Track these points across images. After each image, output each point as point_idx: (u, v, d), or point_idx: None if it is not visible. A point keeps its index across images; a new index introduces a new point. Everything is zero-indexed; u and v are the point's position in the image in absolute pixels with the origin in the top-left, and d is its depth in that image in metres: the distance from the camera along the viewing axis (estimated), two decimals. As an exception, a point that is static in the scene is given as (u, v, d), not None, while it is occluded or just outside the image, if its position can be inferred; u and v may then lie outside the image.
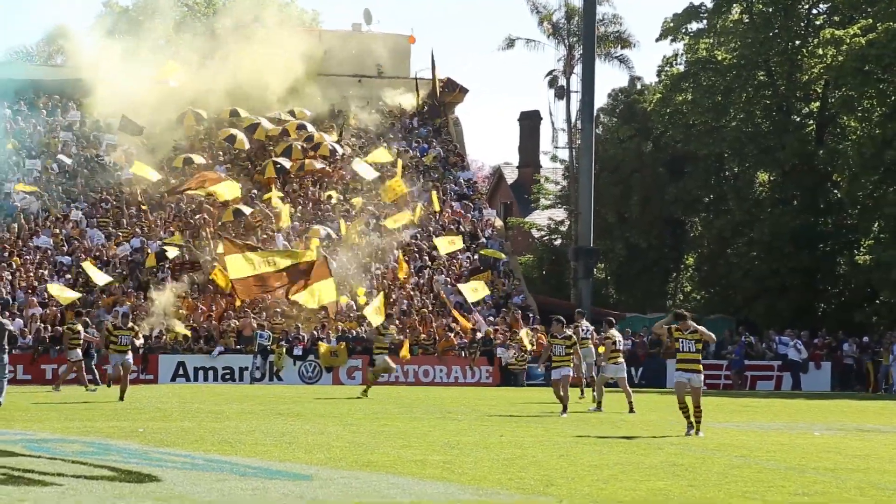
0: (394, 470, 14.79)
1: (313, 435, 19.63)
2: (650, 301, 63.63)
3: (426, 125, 63.44)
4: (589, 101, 58.67)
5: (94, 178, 53.52)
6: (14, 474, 13.65)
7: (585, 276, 57.24)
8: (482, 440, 19.24)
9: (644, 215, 63.05)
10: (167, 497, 12.18)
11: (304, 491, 12.83)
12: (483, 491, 13.17)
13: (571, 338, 26.95)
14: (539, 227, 72.77)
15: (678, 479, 14.56)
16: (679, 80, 61.75)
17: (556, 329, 27.07)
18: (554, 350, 26.73)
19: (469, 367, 45.70)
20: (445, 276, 51.35)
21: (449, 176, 60.02)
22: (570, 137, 67.26)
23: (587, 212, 57.38)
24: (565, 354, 26.51)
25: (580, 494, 12.97)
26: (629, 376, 46.78)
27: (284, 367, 43.81)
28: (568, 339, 26.69)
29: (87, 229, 49.76)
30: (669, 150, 63.73)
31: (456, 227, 55.16)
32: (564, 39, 67.62)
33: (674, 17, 61.61)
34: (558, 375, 26.44)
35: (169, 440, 18.36)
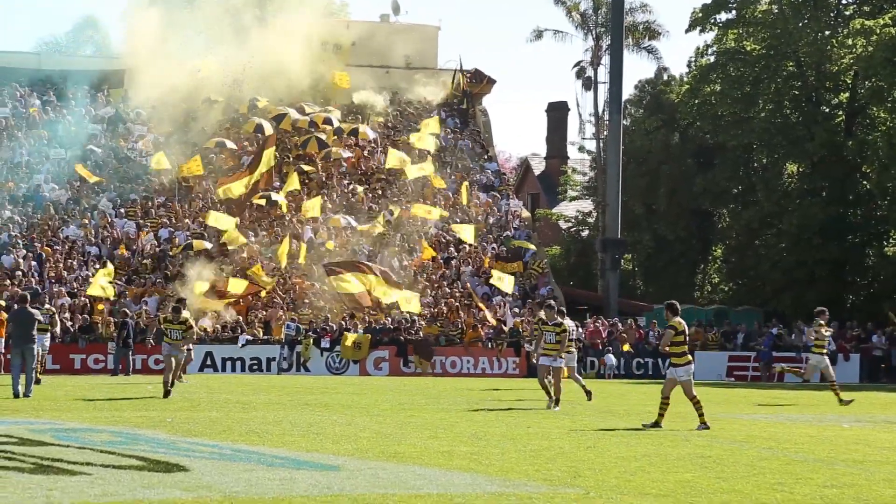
0: (421, 461, 14.79)
1: (340, 426, 19.65)
2: (678, 293, 63.28)
3: (454, 116, 63.38)
4: (616, 92, 58.55)
5: (122, 169, 53.69)
6: (43, 463, 13.72)
7: (613, 267, 57.17)
8: (509, 431, 19.23)
9: (672, 206, 62.89)
10: (195, 487, 12.20)
11: (331, 481, 12.84)
12: (510, 482, 13.16)
13: (562, 324, 26.09)
14: (566, 219, 72.65)
15: (706, 470, 14.52)
16: (708, 70, 61.51)
17: (548, 315, 26.32)
18: (545, 337, 25.99)
19: (496, 359, 45.68)
20: (472, 266, 51.34)
21: (476, 167, 59.97)
22: (598, 128, 67.12)
23: (614, 203, 57.28)
24: (556, 342, 25.71)
25: (607, 486, 12.95)
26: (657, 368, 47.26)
27: (311, 358, 43.87)
28: (558, 327, 25.87)
29: (116, 220, 49.93)
30: (697, 142, 63.54)
31: (483, 218, 55.14)
32: (592, 30, 67.45)
33: (703, 8, 61.34)
34: (548, 362, 25.70)
35: (197, 430, 18.41)
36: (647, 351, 48.00)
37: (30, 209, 49.68)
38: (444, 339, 45.75)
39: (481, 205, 56.27)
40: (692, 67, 64.55)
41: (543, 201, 76.99)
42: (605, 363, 46.73)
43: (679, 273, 64.93)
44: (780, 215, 57.56)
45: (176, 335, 27.30)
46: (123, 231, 49.03)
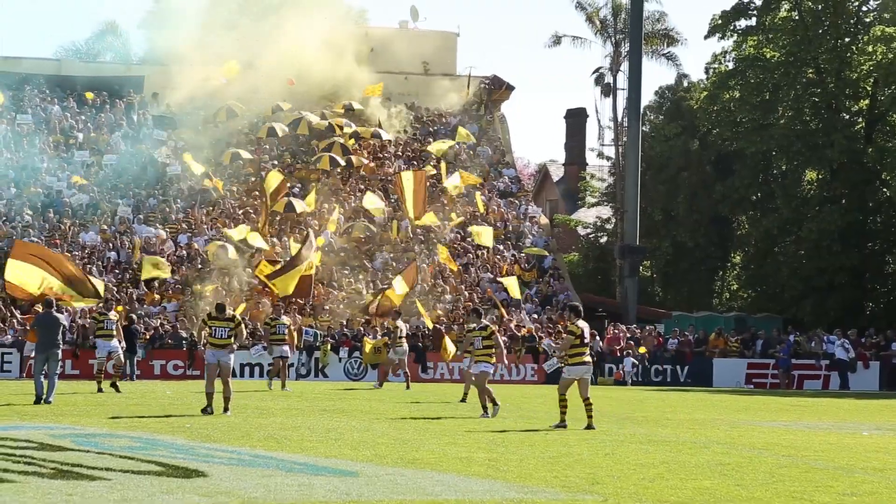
0: (439, 467, 14.80)
1: (359, 431, 19.66)
2: (696, 300, 63.37)
3: (472, 122, 63.44)
4: (635, 99, 58.55)
5: (141, 174, 53.85)
6: (63, 468, 13.76)
7: (631, 274, 57.14)
8: (527, 438, 19.22)
9: (691, 213, 62.81)
10: (214, 492, 12.23)
11: (349, 487, 12.85)
12: (528, 489, 13.16)
13: (488, 328, 24.90)
14: (585, 225, 72.62)
15: (725, 478, 14.49)
16: (727, 77, 61.41)
17: (473, 319, 25.69)
18: (474, 343, 25.15)
19: (514, 365, 45.63)
20: (490, 272, 51.36)
21: (494, 173, 60.00)
22: (617, 135, 67.10)
23: (633, 210, 57.25)
24: (483, 348, 24.70)
25: (625, 493, 12.93)
26: (675, 375, 47.20)
27: (330, 364, 43.91)
28: (484, 331, 24.71)
29: (135, 225, 50.08)
30: (716, 148, 63.46)
31: (502, 224, 55.16)
32: (611, 37, 67.46)
33: (722, 15, 61.26)
34: (476, 370, 24.76)
35: (216, 436, 18.44)
36: (665, 358, 47.92)
37: (49, 214, 49.84)
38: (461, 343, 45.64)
39: (499, 212, 56.28)
40: (710, 74, 64.49)
41: (562, 208, 76.95)
42: (624, 370, 46.66)
43: (698, 280, 64.83)
44: (800, 222, 57.43)
45: (222, 333, 23.82)
46: (143, 237, 49.17)
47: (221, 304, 24.73)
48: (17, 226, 48.34)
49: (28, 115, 56.27)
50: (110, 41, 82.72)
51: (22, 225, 48.41)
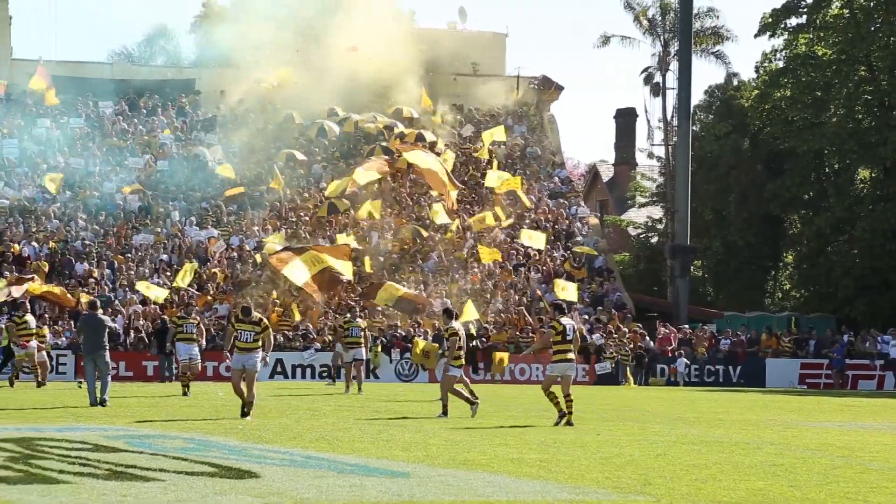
0: (490, 468, 14.78)
1: (410, 433, 19.67)
2: (748, 299, 62.98)
3: (521, 122, 63.40)
4: (685, 98, 58.32)
5: (193, 177, 54.21)
6: (117, 470, 13.86)
7: (682, 274, 56.91)
8: (579, 439, 19.17)
9: (742, 213, 62.45)
10: (266, 493, 12.27)
11: (401, 488, 12.86)
12: (580, 490, 13.12)
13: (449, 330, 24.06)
14: (635, 225, 72.38)
15: (778, 479, 14.39)
16: (778, 75, 61.03)
17: (442, 322, 25.09)
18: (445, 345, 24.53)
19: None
20: (540, 274, 51.29)
21: (544, 174, 59.93)
22: (667, 134, 66.81)
23: (684, 209, 57.02)
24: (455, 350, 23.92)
25: (678, 494, 12.87)
26: (728, 375, 46.95)
27: (381, 365, 43.96)
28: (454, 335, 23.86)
29: (187, 227, 50.41)
30: (767, 147, 63.05)
31: (551, 225, 55.07)
32: (660, 36, 67.19)
33: (773, 13, 60.89)
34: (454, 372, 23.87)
35: (268, 437, 18.51)
36: (718, 358, 47.69)
37: (102, 217, 50.26)
38: (513, 347, 45.67)
39: (549, 212, 56.20)
40: (760, 72, 64.11)
41: (612, 208, 76.74)
42: (676, 370, 46.48)
43: (749, 280, 64.43)
44: (853, 221, 56.99)
45: (248, 337, 22.99)
46: (194, 239, 49.50)
47: (247, 307, 23.84)
48: (71, 229, 48.80)
49: (81, 118, 56.79)
50: (162, 45, 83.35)
51: (75, 229, 48.85)
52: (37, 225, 48.87)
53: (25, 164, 53.44)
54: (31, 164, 53.29)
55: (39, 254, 46.78)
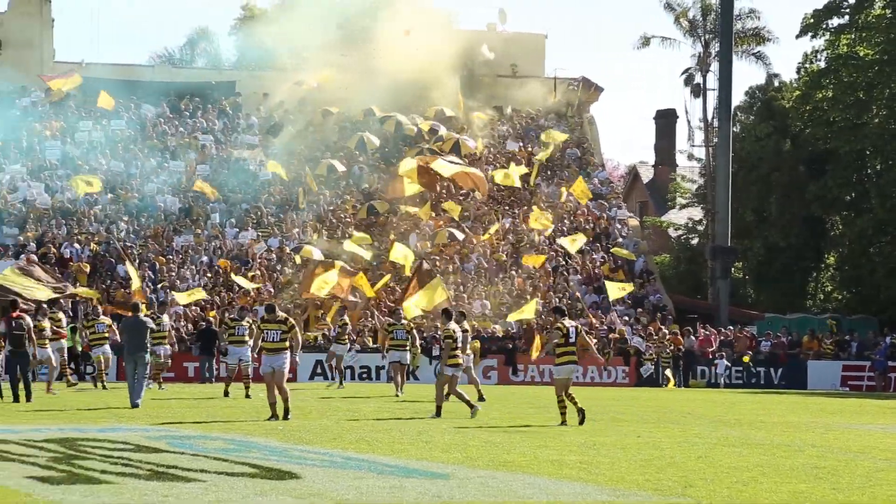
0: (530, 470, 14.77)
1: (450, 434, 19.68)
2: (789, 301, 62.60)
3: (560, 124, 63.29)
4: (726, 99, 58.11)
5: (233, 179, 54.41)
6: (159, 470, 13.93)
7: (723, 275, 56.68)
8: (619, 441, 19.12)
9: (783, 214, 62.14)
10: (307, 494, 12.31)
11: (441, 490, 12.87)
12: (620, 492, 13.09)
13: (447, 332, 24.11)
14: (676, 226, 72.14)
15: (820, 481, 14.31)
16: (819, 76, 60.68)
17: (441, 322, 25.25)
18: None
19: (604, 368, 45.41)
20: (580, 276, 51.20)
21: (584, 175, 59.83)
22: (707, 135, 66.58)
23: (725, 210, 56.80)
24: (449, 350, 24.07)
25: (719, 496, 12.82)
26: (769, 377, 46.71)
27: (420, 367, 43.94)
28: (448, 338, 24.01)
29: (227, 229, 50.61)
30: (809, 148, 62.69)
31: (591, 226, 54.97)
32: (700, 37, 66.96)
33: (814, 13, 60.55)
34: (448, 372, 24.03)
35: (308, 438, 18.56)
36: (759, 360, 47.46)
37: (143, 219, 50.53)
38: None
39: (589, 213, 56.09)
40: (801, 73, 63.77)
41: (652, 209, 76.52)
42: (717, 371, 46.30)
43: (791, 281, 64.05)
44: (895, 222, 56.55)
45: (274, 337, 22.40)
46: (235, 241, 49.68)
47: (271, 305, 23.55)
48: (112, 230, 49.08)
49: (122, 120, 57.08)
50: (203, 47, 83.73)
51: (117, 231, 49.13)
52: (78, 227, 49.17)
53: (67, 166, 53.78)
54: (73, 166, 53.63)
55: (81, 255, 47.08)
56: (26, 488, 12.44)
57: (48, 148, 54.57)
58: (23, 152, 54.16)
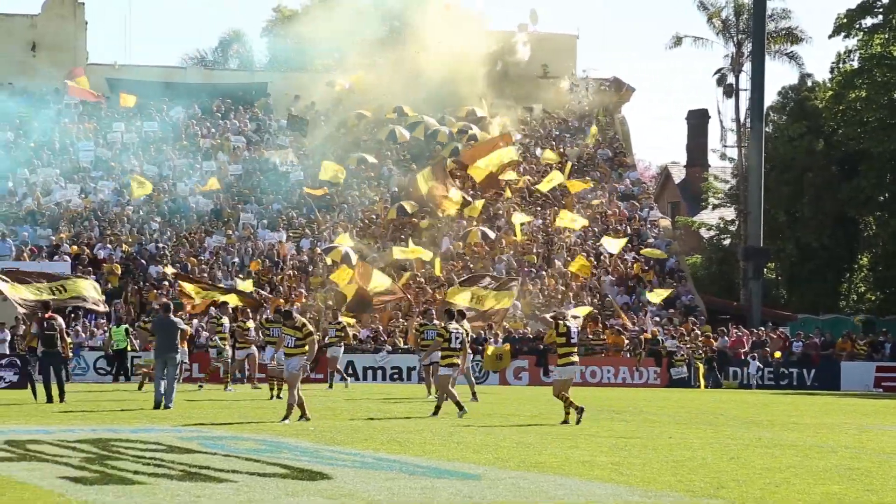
0: (562, 471, 14.75)
1: (481, 435, 19.67)
2: (822, 302, 62.35)
3: (591, 124, 63.20)
4: (758, 99, 57.92)
5: (265, 180, 54.56)
6: (191, 471, 13.97)
7: (755, 276, 56.47)
8: (650, 441, 19.07)
9: (816, 214, 61.88)
10: (338, 495, 12.32)
11: (472, 491, 12.86)
12: (652, 493, 13.05)
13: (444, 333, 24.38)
14: (708, 227, 71.91)
15: (854, 483, 14.23)
16: (852, 76, 60.38)
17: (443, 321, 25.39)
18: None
19: (636, 368, 45.31)
20: (612, 276, 51.11)
21: (615, 176, 59.73)
22: (739, 136, 66.36)
23: (757, 211, 56.61)
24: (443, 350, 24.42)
25: (751, 498, 12.76)
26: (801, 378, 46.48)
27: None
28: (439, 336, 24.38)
29: (259, 230, 50.74)
30: (842, 148, 62.41)
31: (623, 227, 54.86)
32: (733, 37, 66.74)
33: (847, 13, 60.29)
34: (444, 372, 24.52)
35: (339, 438, 18.58)
36: (791, 361, 47.26)
37: (176, 221, 50.72)
38: (584, 349, 45.52)
39: (620, 214, 55.99)
40: (836, 73, 63.47)
41: (684, 210, 76.31)
42: (748, 373, 46.13)
43: (824, 282, 63.79)
44: (929, 223, 56.34)
45: (290, 342, 22.56)
46: (266, 242, 49.80)
47: (288, 311, 23.76)
48: (145, 231, 49.30)
49: (154, 122, 57.34)
50: (236, 49, 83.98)
51: (149, 232, 49.35)
52: (111, 228, 49.40)
53: (100, 167, 54.08)
54: (106, 167, 53.91)
55: (113, 256, 47.30)
56: (59, 488, 12.50)
57: (81, 150, 54.87)
58: (56, 154, 54.49)
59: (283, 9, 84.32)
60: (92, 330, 42.92)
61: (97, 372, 41.62)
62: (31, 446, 16.59)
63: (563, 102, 64.20)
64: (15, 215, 50.14)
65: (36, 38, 60.33)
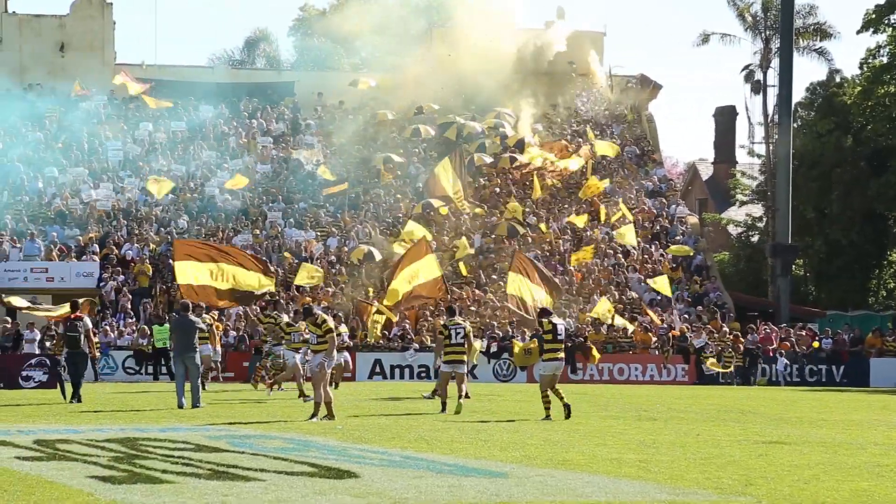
0: (589, 468, 14.74)
1: (508, 433, 19.69)
2: (851, 298, 62.03)
3: (618, 122, 63.08)
4: (786, 95, 57.66)
5: (292, 179, 54.64)
6: (219, 469, 14.03)
7: (784, 273, 56.24)
8: (678, 439, 19.05)
9: (844, 210, 61.56)
10: (365, 493, 12.35)
11: (499, 488, 12.87)
12: (680, 490, 13.04)
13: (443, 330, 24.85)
14: (735, 224, 71.67)
15: (883, 479, 14.18)
16: (881, 71, 60.07)
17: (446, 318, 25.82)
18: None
19: (663, 365, 45.22)
20: (639, 273, 50.99)
21: (643, 172, 59.60)
22: (767, 132, 66.11)
23: (785, 207, 56.38)
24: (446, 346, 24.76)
25: (780, 495, 12.73)
26: (830, 375, 46.29)
27: (478, 365, 43.82)
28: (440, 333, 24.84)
29: (286, 229, 50.82)
30: (871, 144, 62.08)
31: (650, 224, 54.73)
32: (761, 33, 66.49)
33: (876, 8, 59.95)
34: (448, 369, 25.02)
35: (366, 437, 18.62)
36: (820, 358, 47.05)
37: (204, 219, 50.83)
38: (611, 346, 45.44)
39: (648, 211, 55.85)
40: (865, 69, 63.15)
41: (711, 206, 76.04)
42: (777, 369, 45.96)
43: (853, 279, 63.47)
44: (959, 218, 56.02)
45: (313, 339, 22.77)
46: (293, 240, 49.87)
47: (308, 307, 23.97)
48: (172, 230, 49.43)
49: (182, 122, 57.53)
50: (263, 48, 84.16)
51: (177, 230, 49.48)
52: (139, 227, 49.57)
53: (128, 167, 54.29)
54: (134, 167, 54.12)
55: (142, 255, 47.45)
56: (88, 487, 12.58)
57: (109, 149, 55.10)
58: (84, 154, 54.73)
59: (310, 7, 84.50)
60: (120, 329, 43.08)
61: (126, 371, 41.82)
62: (60, 446, 16.70)
63: (591, 100, 63.99)
64: (44, 215, 50.38)
65: (64, 39, 60.55)
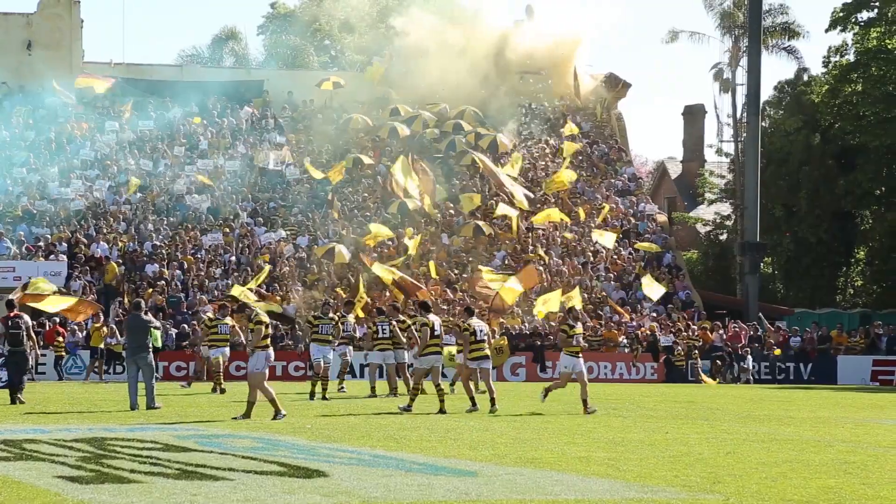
0: (558, 467, 14.76)
1: (478, 431, 19.69)
2: (819, 296, 62.39)
3: (587, 120, 63.15)
4: (755, 94, 57.90)
5: (261, 178, 54.49)
6: (187, 469, 13.98)
7: (752, 271, 56.48)
8: (647, 437, 19.09)
9: (812, 209, 61.91)
10: (335, 492, 12.33)
11: (469, 487, 12.87)
12: (648, 488, 13.07)
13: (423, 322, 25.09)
14: (704, 222, 71.95)
15: (850, 476, 14.25)
16: (848, 70, 60.40)
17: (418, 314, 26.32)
18: None
19: (632, 364, 45.35)
20: (608, 272, 51.10)
21: (611, 171, 59.70)
22: (736, 131, 66.41)
23: (753, 206, 56.61)
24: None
25: (748, 492, 12.77)
26: (798, 372, 46.53)
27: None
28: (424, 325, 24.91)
29: (255, 228, 50.68)
30: (839, 143, 62.43)
31: (619, 222, 54.85)
32: (731, 31, 66.76)
33: (843, 7, 60.31)
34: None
35: (336, 436, 18.60)
36: (788, 356, 47.29)
37: (172, 219, 50.65)
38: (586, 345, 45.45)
39: (617, 210, 55.97)
40: (830, 67, 63.49)
41: (680, 205, 76.34)
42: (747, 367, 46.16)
43: (821, 276, 63.84)
44: (926, 217, 56.38)
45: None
46: (263, 240, 49.74)
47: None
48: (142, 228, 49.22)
49: (151, 121, 57.28)
50: (231, 46, 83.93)
51: (145, 230, 49.26)
52: (107, 226, 49.35)
53: (96, 166, 54.02)
54: (102, 166, 53.86)
55: (111, 254, 47.24)
56: (56, 488, 12.52)
57: (78, 148, 54.81)
58: (52, 153, 54.42)
59: (280, 6, 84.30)
60: (86, 329, 42.88)
61: (93, 371, 41.66)
62: (27, 446, 16.60)
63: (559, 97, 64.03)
64: (12, 214, 50.08)
65: (31, 37, 60.16)
